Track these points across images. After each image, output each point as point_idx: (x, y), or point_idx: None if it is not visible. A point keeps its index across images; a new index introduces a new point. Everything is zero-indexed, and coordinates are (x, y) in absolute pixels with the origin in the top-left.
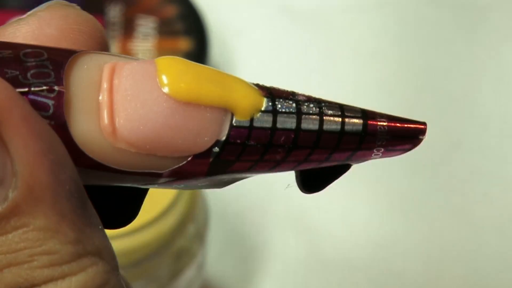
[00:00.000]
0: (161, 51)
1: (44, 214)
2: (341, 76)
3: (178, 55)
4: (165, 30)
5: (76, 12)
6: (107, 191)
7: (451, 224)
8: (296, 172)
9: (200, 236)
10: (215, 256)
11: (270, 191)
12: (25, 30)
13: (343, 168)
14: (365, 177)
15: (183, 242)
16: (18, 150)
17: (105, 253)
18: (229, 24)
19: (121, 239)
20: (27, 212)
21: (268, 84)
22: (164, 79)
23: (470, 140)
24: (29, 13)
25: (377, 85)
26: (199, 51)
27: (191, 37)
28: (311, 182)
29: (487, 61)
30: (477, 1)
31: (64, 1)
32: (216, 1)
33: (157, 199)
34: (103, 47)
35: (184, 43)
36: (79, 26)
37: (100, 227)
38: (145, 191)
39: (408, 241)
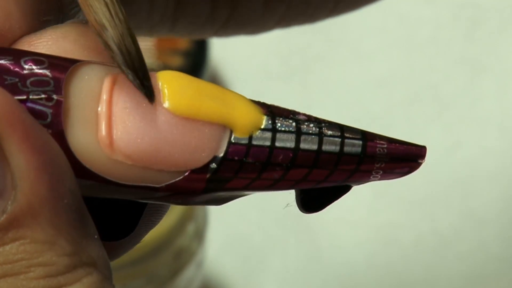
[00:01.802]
0: (161, 50)
1: (42, 227)
2: (340, 76)
3: (177, 54)
4: None
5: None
6: (104, 203)
7: (451, 224)
8: (296, 192)
9: (200, 235)
10: (214, 254)
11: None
12: (40, 40)
13: (343, 189)
14: None
15: (182, 241)
16: (19, 165)
17: (99, 263)
18: None
19: None
20: (25, 224)
21: (267, 79)
22: (165, 92)
23: (470, 139)
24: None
25: (376, 85)
26: (198, 50)
27: None
28: (311, 203)
29: (487, 60)
30: (477, 1)
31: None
32: None
33: None
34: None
35: (184, 42)
36: (96, 43)
37: (96, 236)
38: (144, 204)
39: (408, 240)
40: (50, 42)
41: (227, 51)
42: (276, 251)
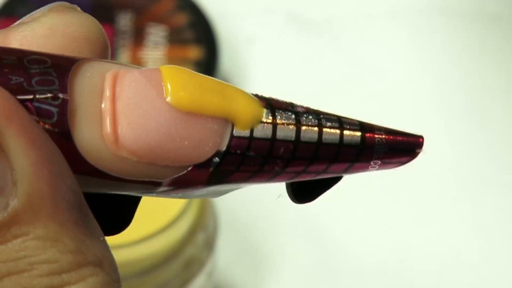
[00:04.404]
0: (172, 60)
1: (44, 224)
2: (351, 85)
3: (188, 64)
4: (175, 38)
5: (79, 17)
6: (100, 198)
7: (461, 233)
8: (286, 183)
9: (210, 245)
10: (224, 264)
11: (279, 199)
12: (30, 38)
13: (335, 180)
14: (374, 184)
15: (192, 251)
16: (18, 159)
17: (106, 264)
18: (239, 33)
19: (130, 248)
20: (26, 221)
21: (276, 89)
22: (168, 87)
23: (480, 149)
24: (32, 16)
25: (387, 94)
26: (209, 60)
27: (201, 45)
28: (303, 193)
29: (498, 70)
30: (488, 10)
31: (66, 4)
32: (226, 10)
33: (167, 207)
34: (106, 52)
35: (194, 52)
36: (83, 32)
37: (101, 238)
38: (138, 198)
39: (418, 249)
40: (42, 39)
41: (237, 59)
42: (286, 260)
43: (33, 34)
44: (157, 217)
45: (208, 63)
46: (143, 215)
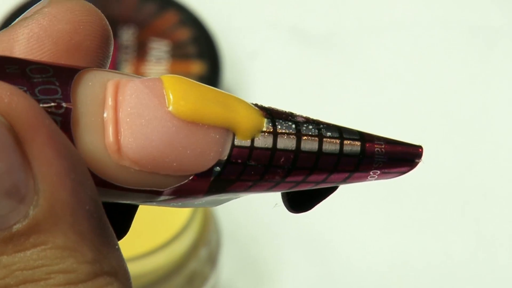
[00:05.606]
0: (174, 74)
1: (63, 233)
2: (354, 99)
3: (191, 78)
4: (178, 53)
5: (78, 3)
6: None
7: (464, 246)
8: (282, 192)
9: (213, 259)
10: (227, 279)
11: (282, 213)
12: (37, 29)
13: (331, 189)
14: (377, 198)
15: (195, 265)
16: (41, 169)
17: (120, 274)
18: (241, 48)
19: (134, 262)
20: (46, 230)
21: (280, 104)
22: (170, 97)
23: (482, 162)
24: (33, 10)
25: (390, 107)
26: (211, 74)
27: (203, 60)
28: (299, 202)
29: (501, 83)
30: (491, 23)
31: None
32: (228, 25)
33: (170, 222)
34: (109, 35)
35: (197, 66)
36: (86, 16)
37: (116, 247)
38: (135, 208)
39: (421, 262)
40: (49, 28)
41: (240, 74)
42: (288, 274)
43: (39, 25)
44: (160, 232)
45: (211, 78)
46: (146, 230)
